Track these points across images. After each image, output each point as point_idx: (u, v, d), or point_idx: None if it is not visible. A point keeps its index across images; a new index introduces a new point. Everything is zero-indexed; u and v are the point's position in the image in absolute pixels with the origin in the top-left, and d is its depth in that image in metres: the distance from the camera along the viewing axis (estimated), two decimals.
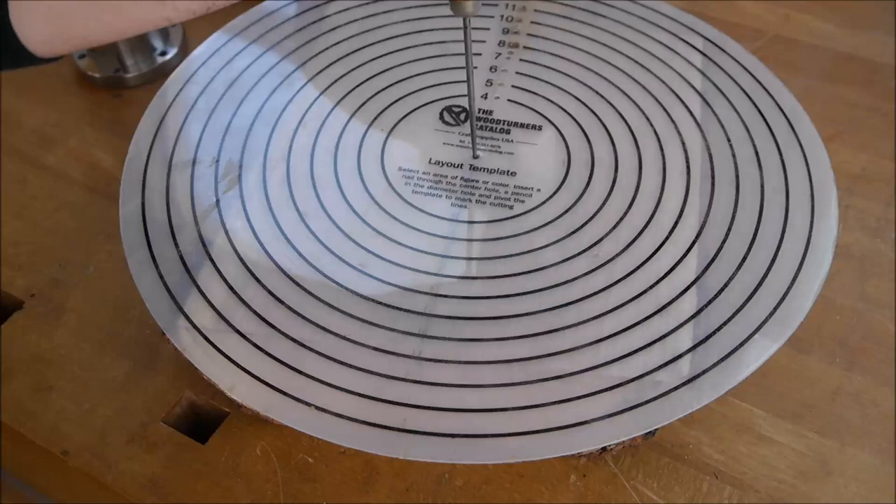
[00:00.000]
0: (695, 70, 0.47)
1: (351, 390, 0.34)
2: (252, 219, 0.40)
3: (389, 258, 0.39)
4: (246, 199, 0.41)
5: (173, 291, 0.37)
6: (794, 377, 0.39)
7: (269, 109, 0.45)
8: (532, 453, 0.33)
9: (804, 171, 0.42)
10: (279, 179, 0.42)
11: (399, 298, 0.37)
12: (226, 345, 0.36)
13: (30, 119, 0.53)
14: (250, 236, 0.39)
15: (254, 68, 0.48)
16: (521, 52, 0.49)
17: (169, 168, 0.42)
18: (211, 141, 0.44)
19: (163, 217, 0.40)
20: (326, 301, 0.37)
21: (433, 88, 0.47)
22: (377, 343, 0.36)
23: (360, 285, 0.38)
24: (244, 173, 0.42)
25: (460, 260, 0.39)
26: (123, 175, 0.42)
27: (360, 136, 0.45)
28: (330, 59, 0.48)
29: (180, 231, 0.39)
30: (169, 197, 0.41)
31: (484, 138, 0.44)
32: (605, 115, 0.45)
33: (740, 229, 0.39)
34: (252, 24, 0.50)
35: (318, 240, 0.40)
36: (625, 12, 0.51)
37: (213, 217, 0.40)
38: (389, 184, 0.42)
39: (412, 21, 0.51)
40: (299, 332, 0.36)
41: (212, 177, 0.42)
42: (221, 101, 0.46)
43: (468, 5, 0.36)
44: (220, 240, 0.39)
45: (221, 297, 0.37)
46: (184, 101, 0.46)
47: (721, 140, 0.43)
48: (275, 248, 0.39)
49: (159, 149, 0.43)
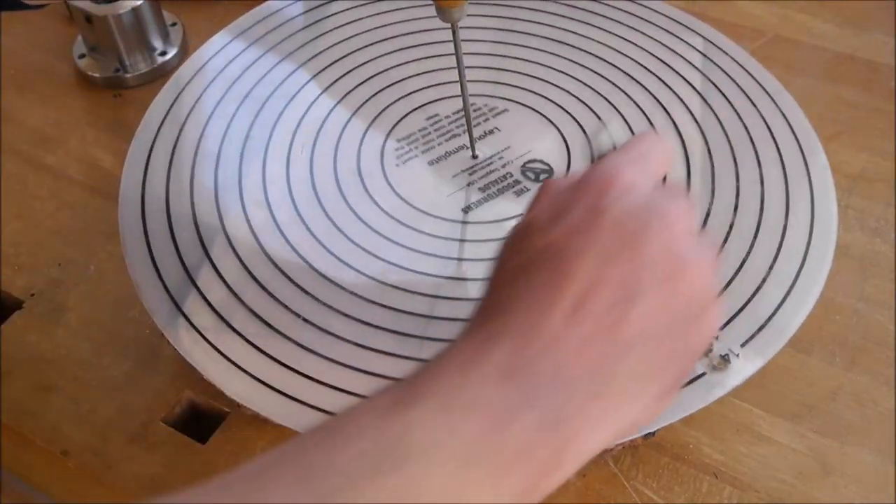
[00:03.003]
0: (695, 70, 0.47)
1: (351, 391, 0.34)
2: (252, 220, 0.40)
3: (389, 259, 0.39)
4: (246, 200, 0.41)
5: (173, 292, 0.37)
6: (794, 377, 0.39)
7: (269, 110, 0.45)
8: None
9: (804, 172, 0.42)
10: (279, 180, 0.42)
11: (400, 300, 0.37)
12: (225, 345, 0.36)
13: (30, 119, 0.53)
14: (250, 237, 0.39)
15: (255, 68, 0.48)
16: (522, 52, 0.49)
17: (169, 168, 0.42)
18: (211, 141, 0.44)
19: (162, 217, 0.40)
20: (326, 302, 0.37)
21: (433, 88, 0.47)
22: (377, 344, 0.36)
23: (360, 287, 0.38)
24: (244, 174, 0.42)
25: (461, 261, 0.39)
26: (123, 175, 0.42)
27: (359, 136, 0.45)
28: (330, 59, 0.48)
29: (180, 231, 0.39)
30: (169, 197, 0.41)
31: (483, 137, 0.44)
32: (606, 115, 0.45)
33: (741, 230, 0.40)
34: (254, 24, 0.50)
35: (318, 241, 0.40)
36: (625, 12, 0.51)
37: (213, 217, 0.40)
38: (389, 183, 0.42)
39: (412, 21, 0.51)
40: (298, 333, 0.36)
41: (212, 177, 0.42)
42: (222, 101, 0.46)
43: (454, 12, 0.37)
44: (220, 240, 0.39)
45: (221, 297, 0.37)
46: (185, 101, 0.46)
47: (721, 140, 0.43)
48: (274, 249, 0.39)
49: (159, 149, 0.43)
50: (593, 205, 0.25)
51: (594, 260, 0.24)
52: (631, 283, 0.23)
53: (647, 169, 0.27)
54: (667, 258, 0.24)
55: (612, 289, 0.23)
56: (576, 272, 0.23)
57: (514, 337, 0.23)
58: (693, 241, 0.25)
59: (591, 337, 0.23)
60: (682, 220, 0.25)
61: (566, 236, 0.25)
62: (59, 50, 0.57)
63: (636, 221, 0.24)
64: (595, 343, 0.23)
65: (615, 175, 0.26)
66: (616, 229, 0.24)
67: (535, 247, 0.25)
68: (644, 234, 0.24)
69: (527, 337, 0.23)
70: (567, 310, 0.23)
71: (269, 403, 0.34)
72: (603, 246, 0.24)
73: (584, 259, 0.24)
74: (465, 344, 0.23)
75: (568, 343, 0.23)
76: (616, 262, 0.24)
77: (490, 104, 0.46)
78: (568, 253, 0.24)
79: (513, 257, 0.26)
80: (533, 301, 0.24)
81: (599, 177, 0.26)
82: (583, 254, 0.24)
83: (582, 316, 0.23)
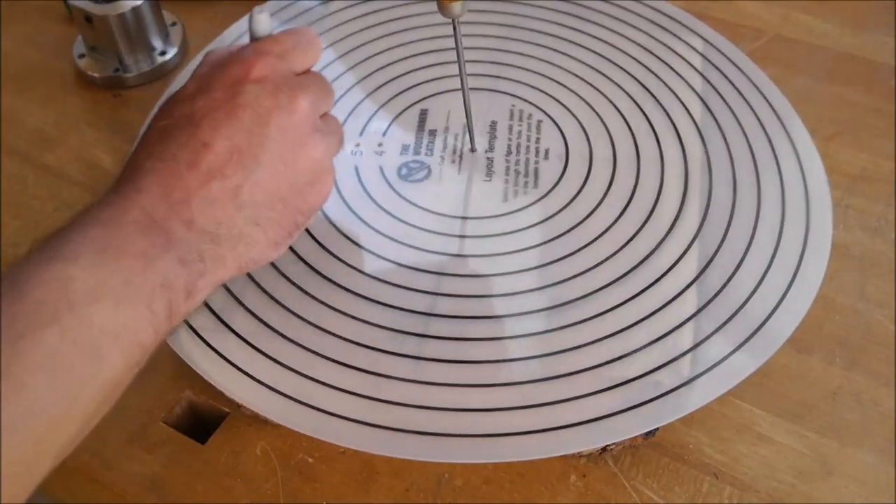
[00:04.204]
0: (694, 71, 0.47)
1: (350, 391, 0.34)
2: None
3: (387, 257, 0.39)
4: None
5: None
6: (794, 377, 0.39)
7: None
8: (532, 453, 0.33)
9: (798, 173, 0.42)
10: None
11: (399, 297, 0.37)
12: (224, 346, 0.36)
13: (30, 119, 0.53)
14: None
15: None
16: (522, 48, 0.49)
17: None
18: None
19: None
20: (325, 302, 0.37)
21: (433, 82, 0.47)
22: (377, 343, 0.36)
23: (358, 285, 0.38)
24: None
25: (460, 258, 0.39)
26: None
27: (357, 134, 0.45)
28: (329, 59, 0.48)
29: None
30: None
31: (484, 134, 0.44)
32: (605, 114, 0.45)
33: (739, 229, 0.40)
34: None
35: (316, 240, 0.40)
36: (625, 11, 0.51)
37: None
38: (389, 183, 0.42)
39: (410, 17, 0.51)
40: (298, 334, 0.36)
41: None
42: None
43: (455, 7, 0.37)
44: None
45: (220, 298, 0.37)
46: None
47: (719, 141, 0.44)
48: None
49: None
50: (233, 85, 0.30)
51: (225, 134, 0.29)
52: (252, 156, 0.30)
53: (286, 59, 0.32)
54: (287, 136, 0.31)
55: (237, 160, 0.30)
56: (212, 144, 0.29)
57: (155, 193, 0.28)
58: (317, 123, 0.32)
59: (217, 197, 0.29)
60: (309, 104, 0.31)
61: (206, 109, 0.30)
62: (59, 50, 0.57)
63: (265, 104, 0.30)
64: (219, 202, 0.29)
65: (255, 61, 0.31)
66: (250, 109, 0.30)
67: (180, 113, 0.30)
68: (268, 116, 0.30)
69: (166, 194, 0.29)
70: (200, 175, 0.29)
71: (268, 403, 0.34)
72: (233, 124, 0.30)
73: (218, 133, 0.29)
74: (111, 199, 0.28)
75: (198, 200, 0.29)
76: (245, 139, 0.30)
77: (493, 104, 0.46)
78: (204, 125, 0.29)
79: (159, 120, 0.31)
80: (171, 161, 0.29)
81: (245, 58, 0.31)
82: (217, 129, 0.29)
83: (211, 180, 0.29)
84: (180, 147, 0.29)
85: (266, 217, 0.31)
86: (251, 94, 0.30)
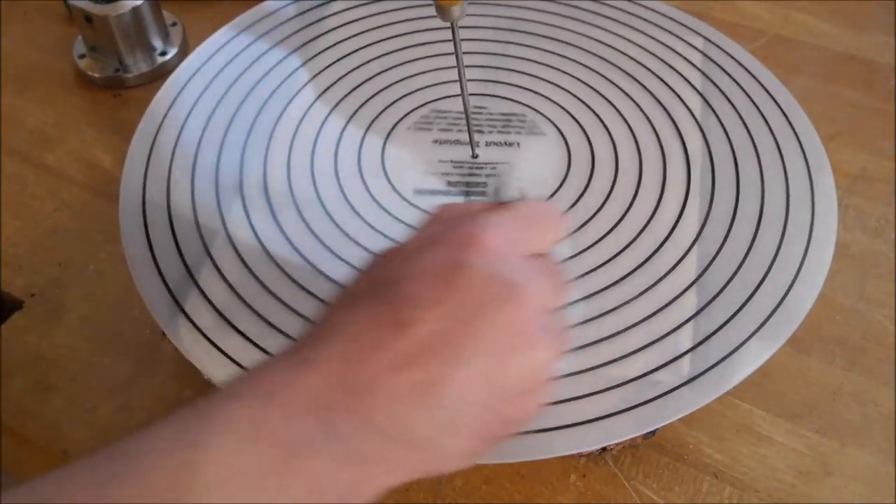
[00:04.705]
0: (695, 70, 0.47)
1: None
2: (253, 218, 0.40)
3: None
4: (247, 198, 0.41)
5: (174, 291, 0.37)
6: (794, 377, 0.39)
7: (269, 110, 0.45)
8: (532, 453, 0.33)
9: (805, 172, 0.42)
10: (279, 179, 0.42)
11: None
12: (226, 344, 0.36)
13: (30, 119, 0.53)
14: (251, 236, 0.39)
15: (254, 68, 0.48)
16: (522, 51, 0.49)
17: (169, 168, 0.42)
18: (211, 140, 0.44)
19: (163, 217, 0.40)
20: (327, 301, 0.37)
21: (432, 88, 0.47)
22: None
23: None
24: (245, 173, 0.42)
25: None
26: (123, 175, 0.42)
27: (360, 135, 0.45)
28: (330, 60, 0.48)
29: (180, 230, 0.39)
30: (169, 197, 0.41)
31: (483, 133, 0.44)
32: (606, 115, 0.45)
33: (740, 229, 0.39)
34: (253, 24, 0.50)
35: (319, 239, 0.40)
36: (625, 12, 0.51)
37: (214, 216, 0.40)
38: (390, 183, 0.42)
39: (412, 21, 0.51)
40: (300, 332, 0.36)
41: (212, 176, 0.42)
42: (222, 100, 0.46)
43: (454, 10, 0.37)
44: (221, 239, 0.39)
45: (222, 296, 0.37)
46: (184, 101, 0.46)
47: (721, 140, 0.43)
48: (275, 248, 0.39)
49: (159, 149, 0.43)
50: (454, 257, 0.24)
51: (432, 317, 0.23)
52: (459, 350, 0.23)
53: (522, 236, 0.26)
54: (505, 333, 0.24)
55: (440, 351, 0.23)
56: (410, 325, 0.23)
57: (331, 371, 0.23)
58: (543, 321, 0.25)
59: (406, 392, 0.23)
60: (538, 298, 0.25)
61: (416, 281, 0.24)
62: (59, 50, 0.57)
63: (488, 290, 0.24)
64: (407, 399, 0.23)
65: (481, 233, 0.25)
66: (465, 292, 0.24)
67: (385, 278, 0.25)
68: (490, 305, 0.24)
69: (343, 374, 0.22)
70: (389, 360, 0.23)
71: None
72: (446, 306, 0.23)
73: (423, 314, 0.23)
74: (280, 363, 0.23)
75: (382, 392, 0.22)
76: (452, 327, 0.23)
77: (491, 107, 0.46)
78: (410, 300, 0.24)
79: (364, 278, 0.26)
80: (359, 336, 0.23)
81: (470, 229, 0.25)
82: (424, 308, 0.23)
83: (402, 370, 0.23)
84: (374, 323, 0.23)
85: (461, 424, 0.24)
86: (474, 272, 0.24)
